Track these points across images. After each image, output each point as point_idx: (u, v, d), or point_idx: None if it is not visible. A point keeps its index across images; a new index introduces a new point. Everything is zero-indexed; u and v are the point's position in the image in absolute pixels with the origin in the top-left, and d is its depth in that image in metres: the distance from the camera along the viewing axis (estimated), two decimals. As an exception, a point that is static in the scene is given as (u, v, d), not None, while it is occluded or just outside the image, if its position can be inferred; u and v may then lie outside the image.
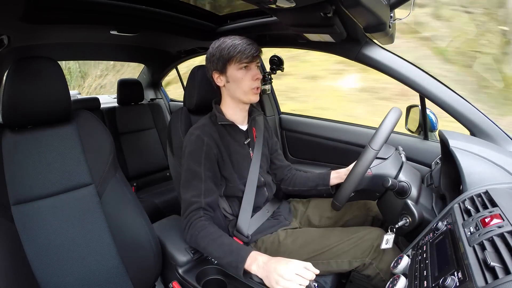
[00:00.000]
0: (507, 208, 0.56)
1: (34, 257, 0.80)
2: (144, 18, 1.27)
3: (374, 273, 0.87)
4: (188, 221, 0.89)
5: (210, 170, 0.93)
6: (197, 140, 0.93)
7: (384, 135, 0.78)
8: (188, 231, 0.88)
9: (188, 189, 0.92)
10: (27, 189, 0.84)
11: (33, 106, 0.86)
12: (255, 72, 0.96)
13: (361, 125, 1.52)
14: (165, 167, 2.18)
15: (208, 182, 0.92)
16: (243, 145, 1.03)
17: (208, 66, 0.99)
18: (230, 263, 0.81)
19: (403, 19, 0.93)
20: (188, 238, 0.89)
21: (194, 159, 0.93)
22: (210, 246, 0.84)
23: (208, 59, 0.99)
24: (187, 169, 0.93)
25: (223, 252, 0.82)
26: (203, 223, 0.87)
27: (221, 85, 0.99)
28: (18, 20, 1.00)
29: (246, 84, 0.95)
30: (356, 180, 0.80)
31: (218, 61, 0.95)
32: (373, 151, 0.77)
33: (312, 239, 0.95)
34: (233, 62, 0.93)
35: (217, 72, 0.97)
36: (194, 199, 0.90)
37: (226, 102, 1.03)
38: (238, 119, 1.04)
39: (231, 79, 0.96)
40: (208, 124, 0.99)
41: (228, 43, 0.93)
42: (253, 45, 0.94)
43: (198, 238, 0.86)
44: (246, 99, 0.98)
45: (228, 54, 0.92)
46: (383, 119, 0.80)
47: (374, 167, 0.88)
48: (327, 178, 1.10)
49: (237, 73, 0.94)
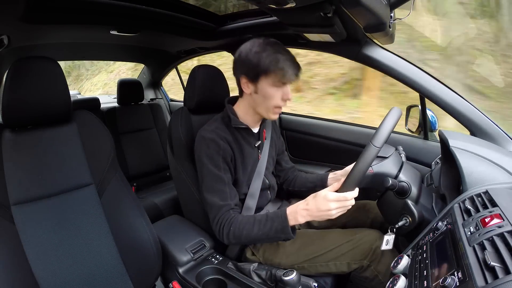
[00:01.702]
0: (507, 208, 0.56)
1: (34, 257, 0.80)
2: (144, 18, 1.27)
3: (373, 275, 0.87)
4: (221, 224, 0.88)
5: (229, 173, 0.93)
6: (213, 144, 0.91)
7: (386, 133, 0.77)
8: (223, 231, 0.88)
9: (215, 194, 0.90)
10: (27, 189, 0.84)
11: (33, 106, 0.86)
12: (286, 92, 0.90)
13: (361, 125, 1.52)
14: (165, 167, 2.18)
15: (230, 185, 0.92)
16: (253, 148, 1.02)
17: (238, 67, 0.92)
18: (276, 233, 0.82)
19: (403, 19, 0.93)
20: (225, 238, 0.88)
21: (213, 164, 0.91)
22: (251, 232, 0.84)
23: (241, 60, 0.90)
24: (209, 173, 0.91)
25: (265, 228, 0.83)
26: (233, 217, 0.88)
27: (247, 92, 0.93)
28: (18, 20, 1.00)
29: (275, 102, 0.90)
30: (358, 178, 0.79)
31: (253, 68, 0.87)
32: (375, 148, 0.76)
33: (311, 241, 0.95)
34: (270, 77, 0.86)
35: (247, 78, 0.90)
36: (223, 203, 0.89)
37: (244, 107, 0.98)
38: (252, 122, 1.00)
39: (260, 92, 0.89)
40: (221, 127, 0.95)
41: (270, 53, 0.85)
42: (296, 63, 0.87)
43: (236, 232, 0.86)
44: (266, 115, 0.95)
45: (268, 66, 0.84)
46: (383, 118, 0.80)
47: (375, 165, 0.88)
48: (324, 180, 1.10)
49: (270, 90, 0.88)
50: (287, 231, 0.81)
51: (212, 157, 0.90)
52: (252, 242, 0.92)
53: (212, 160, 0.91)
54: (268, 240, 0.87)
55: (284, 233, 0.81)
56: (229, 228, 0.87)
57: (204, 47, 1.78)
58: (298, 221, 0.80)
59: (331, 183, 1.09)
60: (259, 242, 0.93)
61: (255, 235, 0.85)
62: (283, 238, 0.84)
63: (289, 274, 0.79)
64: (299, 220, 0.80)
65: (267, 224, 0.83)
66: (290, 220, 0.81)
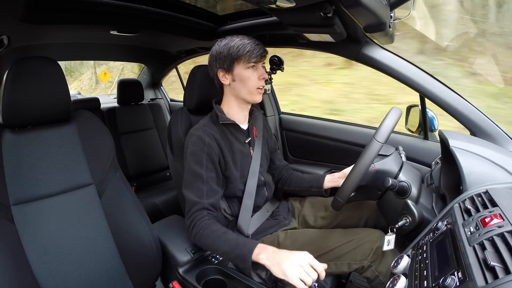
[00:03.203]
0: (507, 208, 0.56)
1: (34, 257, 0.80)
2: (144, 18, 1.27)
3: (373, 276, 0.87)
4: (192, 221, 0.89)
5: (212, 171, 0.93)
6: (198, 141, 0.93)
7: (388, 129, 0.77)
8: (192, 230, 0.88)
9: (191, 190, 0.92)
10: (27, 189, 0.84)
11: (33, 106, 0.86)
12: (261, 72, 0.97)
13: (361, 125, 1.52)
14: (165, 167, 2.18)
15: (210, 183, 0.92)
16: (244, 144, 1.04)
17: (213, 64, 0.99)
18: (237, 256, 0.81)
19: (403, 19, 0.93)
20: (192, 237, 0.89)
21: (195, 160, 0.93)
22: (216, 243, 0.84)
23: (213, 56, 0.98)
24: (189, 170, 0.93)
25: (230, 247, 0.82)
26: (206, 222, 0.87)
27: (226, 83, 0.99)
28: (18, 20, 1.00)
29: (253, 83, 0.96)
30: (361, 174, 0.78)
31: (225, 59, 0.95)
32: (378, 143, 0.76)
33: (312, 241, 0.95)
34: (242, 61, 0.94)
35: (223, 70, 0.97)
36: (197, 200, 0.90)
37: (228, 102, 1.02)
38: (239, 118, 1.03)
39: (238, 78, 0.96)
40: (209, 124, 0.99)
41: (237, 42, 0.94)
42: (261, 45, 0.95)
43: (202, 236, 0.86)
44: (250, 98, 0.99)
45: (237, 52, 0.93)
46: (384, 117, 0.80)
47: (377, 162, 0.88)
48: (321, 181, 1.11)
49: (245, 72, 0.95)
50: (248, 263, 0.79)
51: (196, 154, 0.93)
52: (212, 252, 0.96)
53: (194, 157, 0.93)
54: (227, 259, 0.92)
55: (244, 263, 0.79)
56: (198, 230, 0.87)
57: (204, 47, 1.78)
58: (259, 257, 0.78)
59: (328, 185, 1.10)
60: (217, 255, 0.96)
61: (217, 249, 0.86)
62: (241, 267, 0.82)
63: (289, 274, 0.78)
64: (259, 257, 0.78)
65: (233, 247, 0.82)
66: (256, 254, 0.78)
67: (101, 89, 10.00)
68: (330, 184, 1.10)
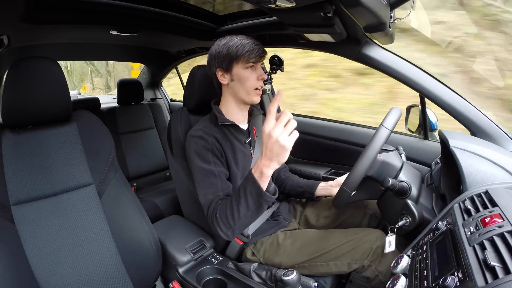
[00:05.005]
0: (507, 208, 0.56)
1: (34, 257, 0.80)
2: (144, 18, 1.27)
3: (373, 275, 0.87)
4: (212, 216, 0.87)
5: (220, 166, 0.93)
6: (200, 140, 0.93)
7: (395, 117, 0.77)
8: (215, 223, 0.86)
9: (204, 187, 0.91)
10: (27, 189, 0.84)
11: (33, 106, 0.86)
12: (260, 72, 0.96)
13: (361, 125, 1.52)
14: (165, 167, 2.18)
15: (222, 177, 0.92)
16: (244, 144, 1.03)
17: (212, 63, 0.98)
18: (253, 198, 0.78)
19: (403, 19, 0.93)
20: (219, 230, 0.85)
21: (202, 159, 0.92)
22: (233, 210, 0.81)
23: (212, 55, 0.98)
24: (198, 169, 0.92)
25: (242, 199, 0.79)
26: (218, 205, 0.86)
27: (224, 83, 0.98)
28: (18, 20, 1.00)
29: (251, 83, 0.95)
30: (370, 160, 0.76)
31: (224, 59, 0.94)
32: (387, 130, 0.75)
33: (311, 241, 0.95)
34: (240, 61, 0.93)
35: (222, 70, 0.97)
36: (213, 196, 0.89)
37: (227, 102, 1.02)
38: (238, 119, 1.03)
39: (236, 77, 0.95)
40: (208, 125, 0.99)
41: (236, 42, 0.93)
42: (260, 45, 0.95)
43: (222, 218, 0.83)
44: (248, 99, 0.98)
45: (236, 52, 0.92)
46: (385, 115, 0.80)
47: (383, 154, 0.87)
48: (314, 188, 1.12)
49: (243, 72, 0.94)
50: (260, 191, 0.76)
51: (200, 152, 0.92)
52: (242, 223, 0.84)
53: (200, 155, 0.92)
54: (252, 214, 0.82)
55: (261, 195, 0.77)
56: (216, 217, 0.85)
57: (204, 47, 1.78)
58: (264, 173, 0.75)
59: (320, 192, 1.11)
60: (246, 219, 0.84)
61: (237, 211, 0.81)
62: (264, 205, 0.79)
63: (289, 274, 0.79)
64: (264, 172, 0.75)
65: (241, 193, 0.79)
66: (257, 177, 0.77)
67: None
68: (323, 192, 1.11)
